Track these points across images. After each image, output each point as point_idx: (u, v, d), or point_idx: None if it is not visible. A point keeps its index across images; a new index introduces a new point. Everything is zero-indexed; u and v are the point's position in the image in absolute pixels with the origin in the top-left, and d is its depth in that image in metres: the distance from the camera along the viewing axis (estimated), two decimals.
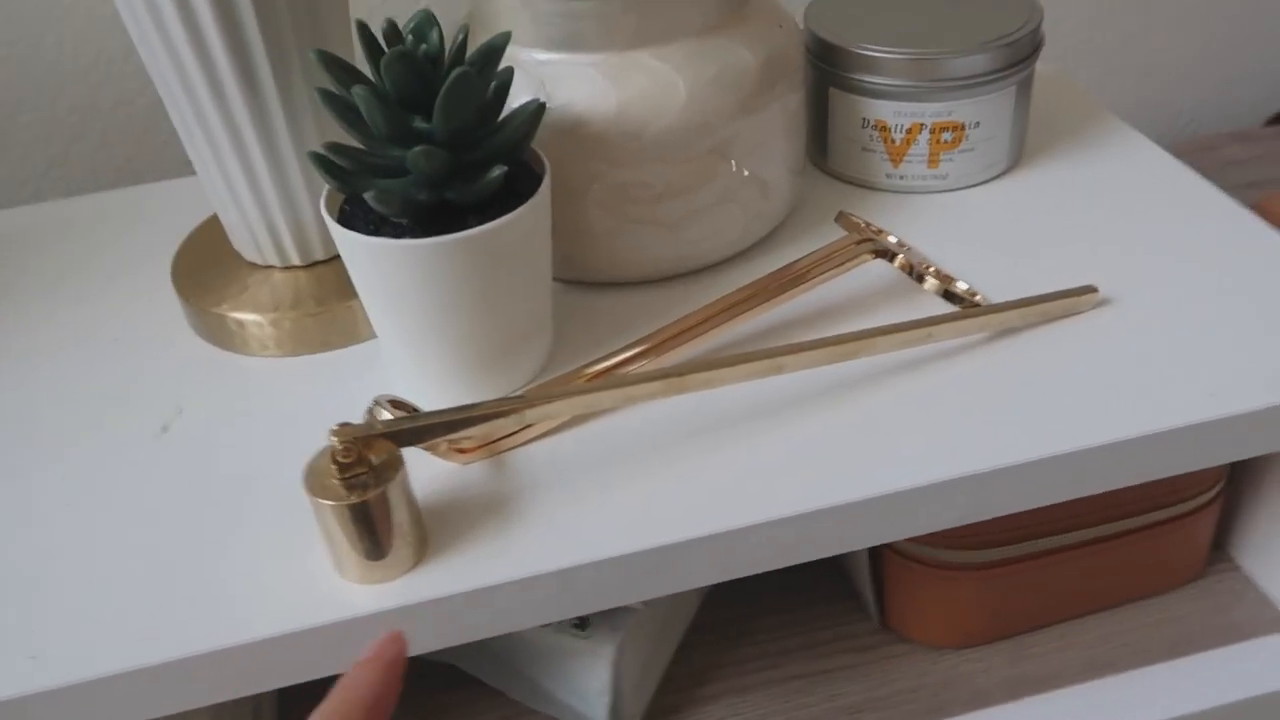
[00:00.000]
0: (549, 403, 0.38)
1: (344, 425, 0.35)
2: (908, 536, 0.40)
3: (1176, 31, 0.86)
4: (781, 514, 0.37)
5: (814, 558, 0.39)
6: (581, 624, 0.45)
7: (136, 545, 0.39)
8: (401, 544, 0.36)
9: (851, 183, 0.56)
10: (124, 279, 0.53)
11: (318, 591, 0.36)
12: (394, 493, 0.35)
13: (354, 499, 0.34)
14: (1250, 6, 0.86)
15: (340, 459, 0.34)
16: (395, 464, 0.35)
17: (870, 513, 0.38)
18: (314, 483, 0.35)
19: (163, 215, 0.58)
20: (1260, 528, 0.51)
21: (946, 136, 0.52)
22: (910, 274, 0.46)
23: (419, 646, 0.37)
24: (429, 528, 0.38)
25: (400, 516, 0.35)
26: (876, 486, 0.38)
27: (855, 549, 0.40)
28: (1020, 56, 0.52)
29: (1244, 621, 0.51)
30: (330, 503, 0.34)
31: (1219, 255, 0.48)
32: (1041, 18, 0.53)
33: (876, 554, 0.49)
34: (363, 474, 0.34)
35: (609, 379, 0.42)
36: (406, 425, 0.36)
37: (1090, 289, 0.44)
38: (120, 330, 0.50)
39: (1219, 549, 0.53)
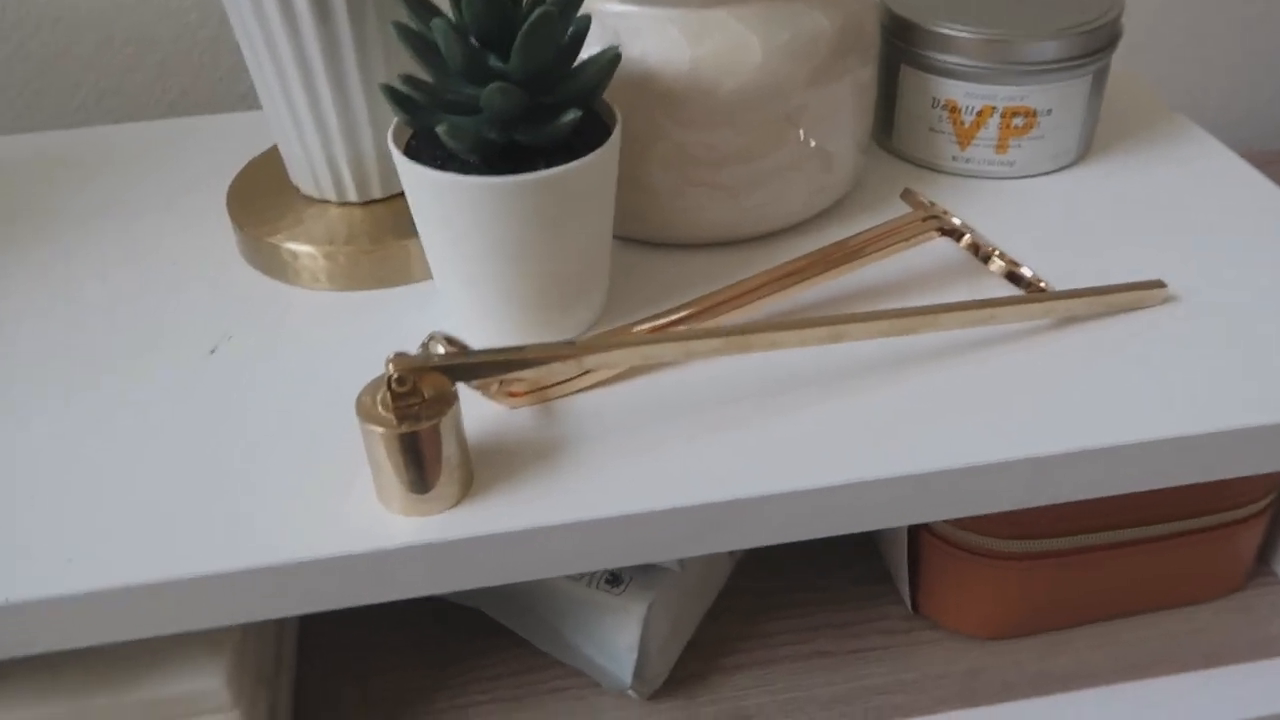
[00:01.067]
0: (605, 351, 0.37)
1: (400, 354, 0.34)
2: (958, 516, 0.39)
3: (1242, 40, 0.84)
4: (829, 482, 0.37)
5: (857, 529, 0.38)
6: (615, 580, 0.44)
7: (178, 463, 0.38)
8: (448, 479, 0.35)
9: (916, 164, 0.55)
10: (178, 204, 0.53)
11: (359, 520, 0.36)
12: (445, 426, 0.34)
13: (405, 428, 0.34)
14: None
15: (395, 387, 0.34)
16: (448, 399, 0.35)
17: (919, 489, 0.38)
18: (366, 410, 0.34)
19: (219, 146, 0.58)
20: None
21: (1018, 122, 0.52)
22: (976, 254, 0.45)
23: (454, 583, 0.36)
24: (475, 467, 0.38)
25: (449, 451, 0.35)
26: (928, 462, 0.37)
27: (900, 524, 0.39)
28: (1098, 46, 0.51)
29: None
30: (381, 430, 0.34)
31: None
32: (1122, 8, 0.52)
33: (914, 537, 0.48)
34: (416, 405, 0.34)
35: (667, 333, 0.41)
36: (461, 360, 0.36)
37: (1158, 283, 0.44)
38: (173, 254, 0.50)
39: (1263, 562, 0.53)
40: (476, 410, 0.40)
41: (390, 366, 0.34)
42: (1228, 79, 0.87)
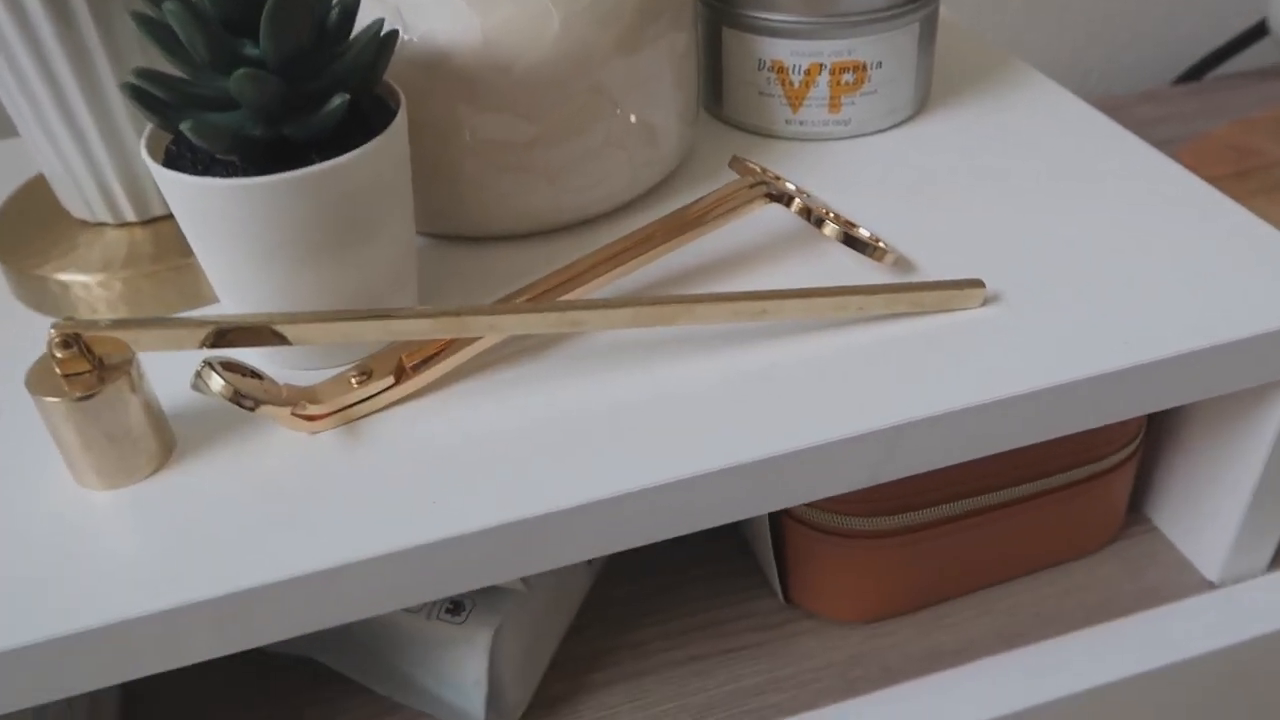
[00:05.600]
0: (311, 323, 0.34)
1: (67, 319, 0.33)
2: (811, 499, 0.36)
3: None
4: (668, 478, 0.34)
5: (703, 526, 0.35)
6: (456, 608, 0.41)
7: None
8: (133, 449, 0.34)
9: (749, 130, 0.52)
10: None
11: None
12: (124, 393, 0.33)
13: (77, 395, 0.32)
14: None
15: (59, 353, 0.32)
16: (126, 365, 0.34)
17: (769, 472, 0.35)
18: (37, 381, 0.33)
19: None
20: (1177, 488, 0.49)
21: (848, 78, 0.49)
22: (809, 219, 0.43)
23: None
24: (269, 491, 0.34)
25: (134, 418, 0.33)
26: (777, 444, 0.35)
27: (753, 514, 0.36)
28: None
29: (1162, 584, 0.48)
30: (53, 399, 0.32)
31: (1135, 201, 0.45)
32: None
33: (777, 524, 0.45)
34: (87, 372, 0.33)
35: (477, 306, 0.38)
36: (137, 323, 0.33)
37: (976, 282, 0.40)
38: None
39: (1134, 510, 0.51)
40: (279, 440, 0.36)
41: (52, 331, 0.32)
42: (1051, 26, 0.87)
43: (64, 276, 0.41)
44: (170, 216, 0.44)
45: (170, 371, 0.36)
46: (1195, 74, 0.90)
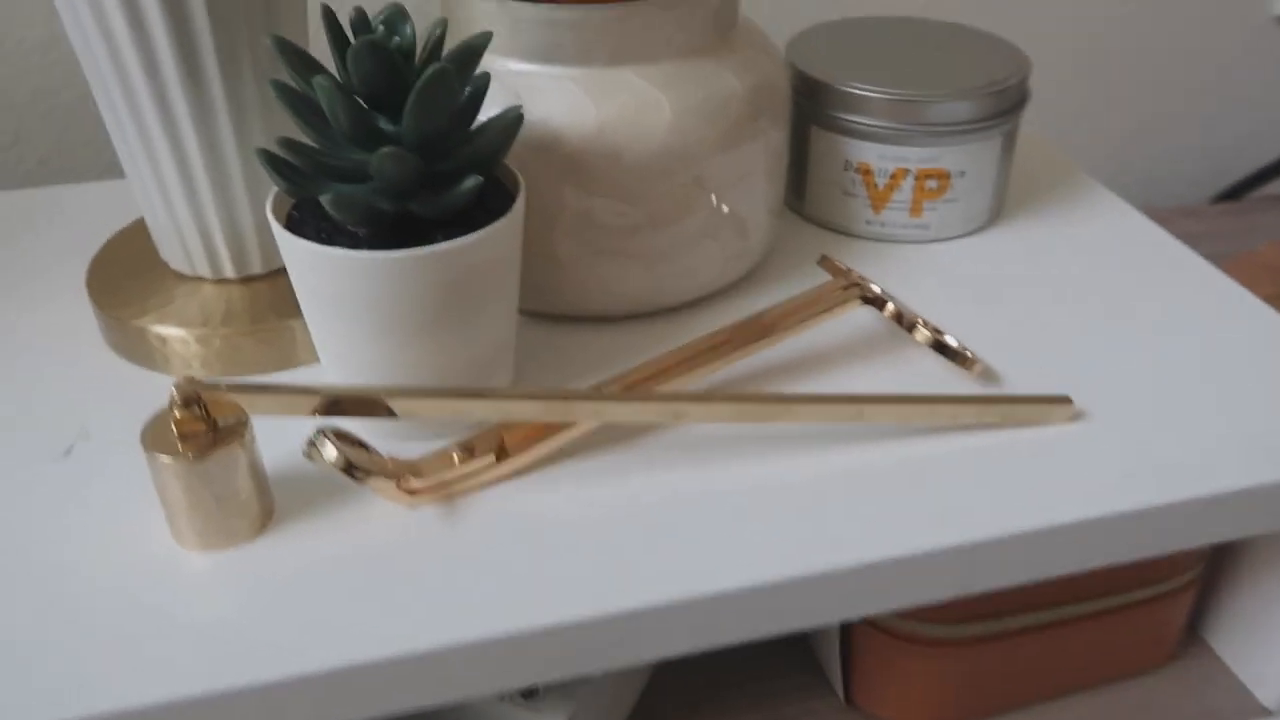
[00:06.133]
0: (419, 399, 0.34)
1: (189, 378, 0.33)
2: (902, 607, 0.36)
3: (1124, 106, 0.86)
4: (763, 579, 0.34)
5: (793, 629, 0.35)
6: (529, 692, 0.40)
7: (17, 579, 0.33)
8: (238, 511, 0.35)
9: (829, 228, 0.53)
10: (33, 284, 0.48)
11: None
12: (236, 455, 0.33)
13: (191, 455, 0.33)
14: (1193, 86, 0.87)
15: (178, 412, 0.32)
16: (240, 427, 0.34)
17: (850, 584, 0.35)
18: (152, 439, 0.33)
19: (81, 219, 0.53)
20: (1237, 612, 0.49)
21: (931, 184, 0.50)
22: (900, 323, 0.43)
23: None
24: (368, 573, 0.33)
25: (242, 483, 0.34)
26: (859, 555, 0.35)
27: (842, 618, 0.36)
28: (1008, 105, 0.50)
29: (1219, 708, 0.48)
30: (167, 458, 0.33)
31: (1210, 324, 0.46)
32: (1030, 69, 0.51)
33: (845, 625, 0.45)
34: (203, 432, 0.33)
35: (481, 389, 0.38)
36: (254, 388, 0.33)
37: (1065, 399, 0.41)
38: (27, 340, 0.44)
39: (1192, 631, 0.51)
40: (378, 510, 0.36)
41: (174, 389, 0.32)
42: (1128, 139, 0.89)
43: (163, 329, 0.42)
44: (267, 276, 0.44)
45: (266, 435, 0.36)
46: (1235, 193, 0.92)
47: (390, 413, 0.34)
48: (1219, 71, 0.87)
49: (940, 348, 0.43)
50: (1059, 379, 0.43)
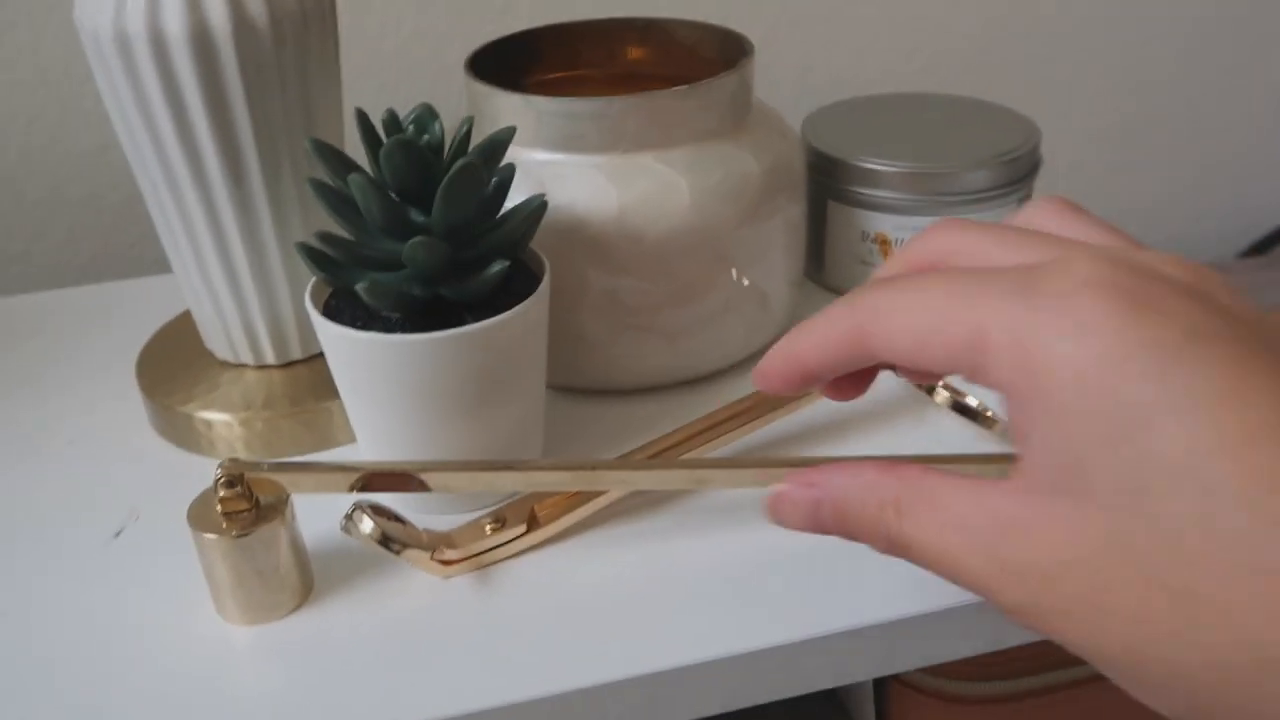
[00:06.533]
0: (451, 471, 0.35)
1: (232, 460, 0.34)
2: (936, 663, 0.37)
3: (1148, 168, 0.87)
4: (799, 636, 0.35)
5: (830, 685, 0.36)
6: None
7: (74, 657, 0.35)
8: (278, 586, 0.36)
9: None
10: (87, 378, 0.50)
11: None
12: (278, 531, 0.35)
13: (234, 532, 0.34)
14: (1218, 144, 0.88)
15: (223, 491, 0.34)
16: (281, 504, 0.35)
17: (881, 641, 0.36)
18: (197, 517, 0.35)
19: (129, 313, 0.55)
20: None
21: None
22: (919, 385, 0.44)
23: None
24: (406, 645, 0.35)
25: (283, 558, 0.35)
26: (892, 611, 0.35)
27: (876, 675, 0.37)
28: (1021, 174, 0.52)
29: None
30: (211, 536, 0.34)
31: None
32: (1040, 137, 0.53)
33: (880, 686, 0.46)
34: (245, 510, 0.35)
35: (511, 461, 0.40)
36: (294, 466, 0.35)
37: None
38: (81, 428, 0.47)
39: None
40: (414, 582, 0.37)
41: (218, 470, 0.34)
42: (1159, 200, 0.90)
43: (208, 415, 0.44)
44: (306, 361, 0.46)
45: (306, 512, 0.38)
46: (1262, 248, 0.92)
47: (424, 486, 0.36)
48: (1247, 133, 0.88)
49: (960, 409, 0.44)
50: None
